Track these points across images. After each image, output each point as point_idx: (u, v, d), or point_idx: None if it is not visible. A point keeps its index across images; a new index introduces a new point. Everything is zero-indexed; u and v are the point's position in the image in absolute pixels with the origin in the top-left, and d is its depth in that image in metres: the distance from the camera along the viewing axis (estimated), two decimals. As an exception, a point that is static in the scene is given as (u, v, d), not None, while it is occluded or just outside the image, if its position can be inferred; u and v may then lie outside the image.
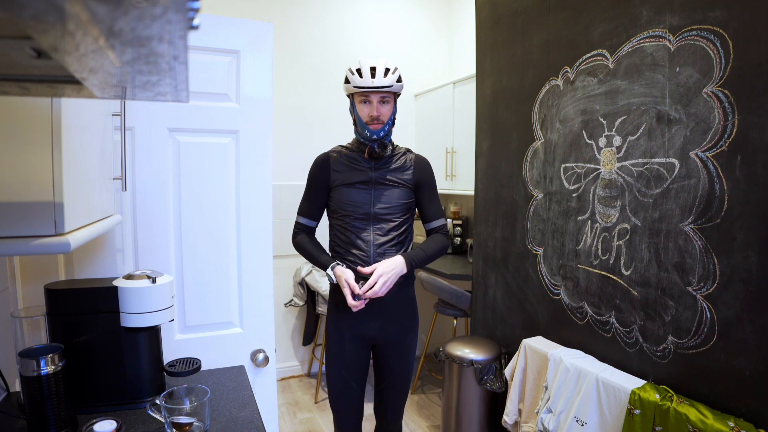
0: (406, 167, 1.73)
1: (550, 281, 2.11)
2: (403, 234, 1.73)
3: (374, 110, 1.63)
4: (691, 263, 1.53)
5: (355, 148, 1.73)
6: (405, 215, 1.73)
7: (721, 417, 1.38)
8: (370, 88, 1.61)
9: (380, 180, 1.69)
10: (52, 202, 0.72)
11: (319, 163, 1.74)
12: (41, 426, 0.98)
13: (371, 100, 1.64)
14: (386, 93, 1.64)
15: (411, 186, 1.72)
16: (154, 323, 1.15)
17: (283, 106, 3.36)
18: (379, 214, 1.68)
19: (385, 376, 1.79)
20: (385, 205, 1.68)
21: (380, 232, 1.68)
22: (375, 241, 1.68)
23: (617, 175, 1.78)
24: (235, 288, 1.57)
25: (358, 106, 1.66)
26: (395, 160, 1.72)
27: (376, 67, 1.61)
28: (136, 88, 0.43)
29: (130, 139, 1.39)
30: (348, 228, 1.69)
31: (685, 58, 1.52)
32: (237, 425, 1.12)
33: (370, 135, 1.66)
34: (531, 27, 2.17)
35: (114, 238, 1.42)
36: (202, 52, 1.45)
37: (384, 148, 1.68)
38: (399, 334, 1.75)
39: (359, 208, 1.67)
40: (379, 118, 1.64)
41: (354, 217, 1.68)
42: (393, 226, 1.69)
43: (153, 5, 0.24)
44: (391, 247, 1.69)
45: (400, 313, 1.74)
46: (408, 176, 1.72)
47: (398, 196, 1.70)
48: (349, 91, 1.67)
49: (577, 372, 1.78)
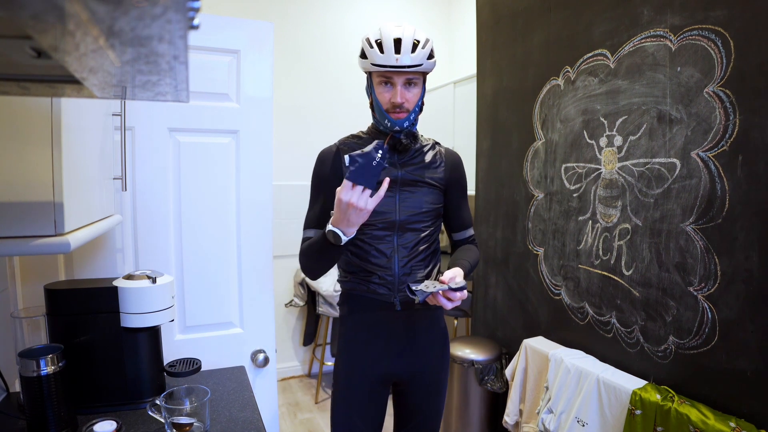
0: (437, 163, 1.39)
1: (550, 281, 2.11)
2: (432, 246, 1.39)
3: (398, 96, 1.27)
4: (692, 263, 1.53)
5: (373, 139, 1.36)
6: (435, 223, 1.40)
7: (722, 417, 1.38)
8: (393, 68, 1.25)
9: (407, 179, 1.34)
10: (52, 202, 0.71)
11: (328, 160, 1.37)
12: (41, 426, 0.97)
13: (394, 83, 1.28)
14: (414, 74, 1.28)
15: (442, 187, 1.39)
16: (154, 323, 1.15)
17: (283, 106, 3.36)
18: (406, 222, 1.33)
19: (410, 419, 1.43)
20: (413, 211, 1.34)
21: (407, 244, 1.34)
22: (401, 255, 1.33)
23: (618, 175, 1.78)
24: (236, 288, 1.56)
25: (377, 89, 1.30)
26: (424, 155, 1.38)
27: (402, 40, 1.24)
28: (136, 87, 0.42)
29: (130, 139, 1.39)
30: (366, 241, 1.33)
31: (686, 58, 1.52)
32: (237, 426, 1.12)
33: (391, 126, 1.30)
34: (532, 27, 2.17)
35: (114, 238, 1.42)
36: (202, 51, 1.45)
37: (413, 139, 1.34)
38: (431, 371, 1.40)
39: (381, 216, 1.31)
40: (403, 106, 1.29)
41: (375, 227, 1.32)
42: (422, 237, 1.35)
43: (153, 5, 0.24)
44: (419, 263, 1.35)
45: (433, 346, 1.40)
46: (440, 174, 1.38)
47: (428, 200, 1.36)
48: (365, 68, 1.31)
49: (578, 372, 1.78)
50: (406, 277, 1.33)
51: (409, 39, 1.24)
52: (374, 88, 1.31)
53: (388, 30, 1.26)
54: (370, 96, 1.36)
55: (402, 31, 1.25)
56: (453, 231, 1.47)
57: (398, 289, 1.32)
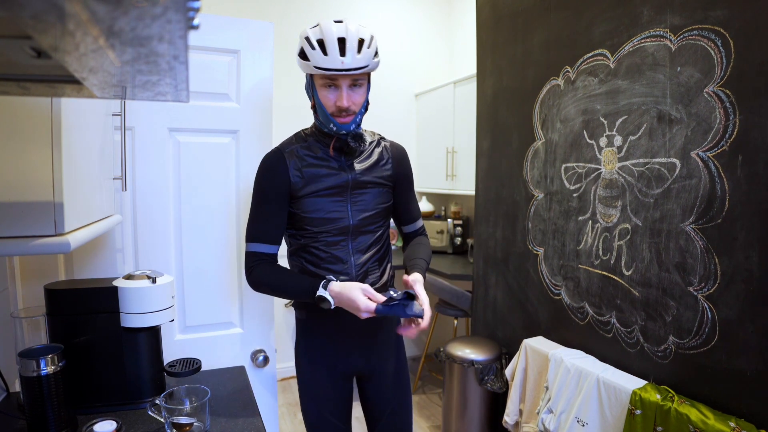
0: (384, 160, 1.36)
1: (550, 281, 2.11)
2: (384, 245, 1.39)
3: (343, 99, 1.21)
4: (692, 263, 1.53)
5: (316, 140, 1.31)
6: (386, 222, 1.39)
7: (722, 417, 1.38)
8: (338, 71, 1.17)
9: (358, 181, 1.31)
10: (52, 202, 0.71)
11: (273, 166, 1.29)
12: (41, 426, 0.97)
13: (339, 85, 1.21)
14: (360, 75, 1.22)
15: (391, 184, 1.38)
16: (154, 323, 1.15)
17: (283, 106, 3.35)
18: (360, 226, 1.32)
19: (380, 417, 1.44)
20: (365, 214, 1.32)
21: (360, 247, 1.32)
22: (356, 260, 1.31)
23: (618, 175, 1.78)
24: (236, 288, 1.56)
25: (320, 91, 1.23)
26: (370, 154, 1.35)
27: (346, 39, 1.16)
28: (136, 87, 0.42)
29: (130, 139, 1.39)
30: (320, 248, 1.30)
31: (686, 58, 1.52)
32: (237, 426, 1.12)
33: (337, 129, 1.25)
34: (532, 27, 2.17)
35: (114, 238, 1.42)
36: (202, 51, 1.45)
37: (360, 140, 1.30)
38: (390, 366, 1.43)
39: (334, 223, 1.29)
40: (349, 109, 1.23)
41: (329, 233, 1.29)
42: (374, 238, 1.35)
43: (153, 5, 0.24)
44: (374, 264, 1.35)
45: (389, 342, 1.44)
46: (387, 172, 1.36)
47: (377, 200, 1.34)
48: (308, 70, 1.23)
49: (577, 372, 1.78)
50: (361, 279, 1.32)
51: (354, 38, 1.17)
52: (317, 90, 1.24)
53: (329, 28, 1.17)
54: (312, 98, 1.29)
55: (345, 28, 1.18)
56: (403, 224, 1.48)
57: None
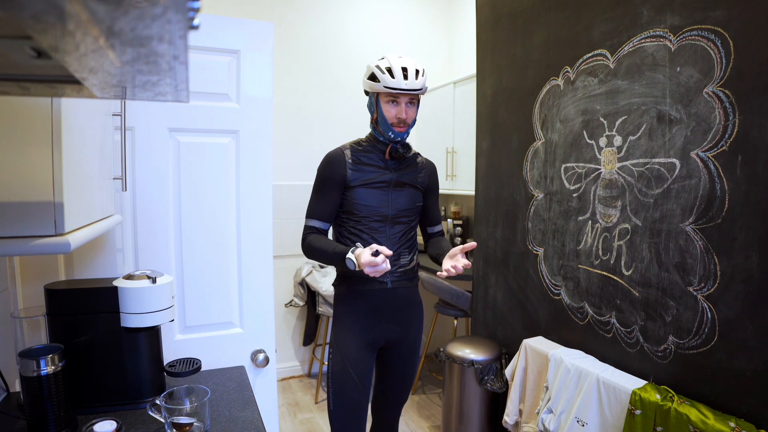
0: (419, 170, 1.74)
1: (550, 281, 2.11)
2: (414, 236, 1.75)
3: (403, 112, 1.60)
4: (691, 263, 1.53)
5: (372, 147, 1.68)
6: (415, 218, 1.74)
7: (722, 417, 1.38)
8: (403, 90, 1.56)
9: (398, 181, 1.68)
10: (52, 202, 0.71)
11: (334, 160, 1.65)
12: (41, 426, 0.97)
13: (399, 102, 1.59)
14: (415, 96, 1.62)
15: (423, 189, 1.74)
16: (154, 323, 1.15)
17: (283, 106, 3.36)
18: (396, 216, 1.67)
19: (390, 375, 1.78)
20: (402, 208, 1.68)
21: (396, 234, 1.68)
22: (391, 243, 1.66)
23: (618, 175, 1.78)
24: (236, 288, 1.56)
25: (384, 106, 1.61)
26: (410, 163, 1.72)
27: (408, 69, 1.57)
28: (136, 88, 0.42)
29: (130, 139, 1.39)
30: (364, 230, 1.65)
31: (685, 58, 1.52)
32: (237, 426, 1.12)
33: (394, 137, 1.62)
34: (531, 27, 2.17)
35: (114, 238, 1.42)
36: (202, 52, 1.44)
37: (407, 149, 1.66)
38: (410, 337, 1.74)
39: (377, 210, 1.64)
40: (405, 121, 1.61)
41: (371, 219, 1.64)
42: (407, 229, 1.70)
43: (153, 5, 0.24)
44: (405, 249, 1.70)
45: (413, 317, 1.75)
46: (422, 179, 1.74)
47: (413, 199, 1.70)
48: (375, 89, 1.60)
49: (577, 372, 1.78)
50: (393, 260, 1.64)
51: (413, 68, 1.58)
52: (381, 105, 1.62)
53: (396, 60, 1.58)
54: (374, 113, 1.66)
55: (406, 62, 1.59)
56: (427, 225, 1.84)
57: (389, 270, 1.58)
